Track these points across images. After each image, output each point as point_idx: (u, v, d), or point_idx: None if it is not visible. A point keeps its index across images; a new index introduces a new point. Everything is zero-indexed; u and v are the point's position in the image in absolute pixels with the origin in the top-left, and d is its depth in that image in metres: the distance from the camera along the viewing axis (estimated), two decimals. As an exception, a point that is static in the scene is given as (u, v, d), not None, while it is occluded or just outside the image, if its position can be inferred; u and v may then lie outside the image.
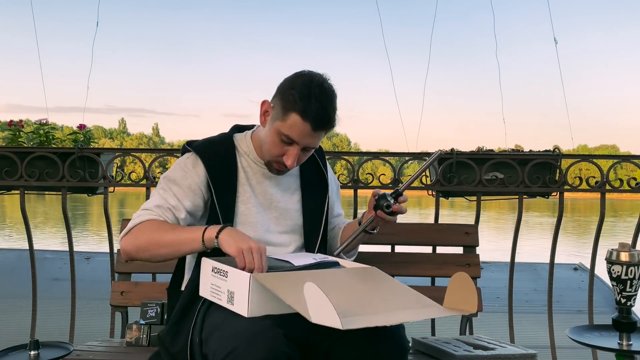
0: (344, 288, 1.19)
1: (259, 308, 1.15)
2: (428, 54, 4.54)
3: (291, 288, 1.11)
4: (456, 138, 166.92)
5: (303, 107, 1.33)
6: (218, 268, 1.24)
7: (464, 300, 1.19)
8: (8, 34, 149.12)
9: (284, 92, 1.38)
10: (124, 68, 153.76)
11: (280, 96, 1.39)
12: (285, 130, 1.36)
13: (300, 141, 1.38)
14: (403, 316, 1.12)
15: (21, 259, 3.98)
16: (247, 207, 1.46)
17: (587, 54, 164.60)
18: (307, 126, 1.35)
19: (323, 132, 1.39)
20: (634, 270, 1.47)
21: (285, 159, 1.40)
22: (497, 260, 4.32)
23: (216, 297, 1.24)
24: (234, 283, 1.18)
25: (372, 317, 1.06)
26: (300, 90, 1.35)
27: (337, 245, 1.58)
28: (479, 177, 2.31)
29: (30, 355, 1.57)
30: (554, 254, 2.47)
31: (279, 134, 1.38)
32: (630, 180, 2.38)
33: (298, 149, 1.39)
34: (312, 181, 1.58)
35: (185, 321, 1.36)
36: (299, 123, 1.35)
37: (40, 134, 2.50)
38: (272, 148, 1.41)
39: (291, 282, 1.13)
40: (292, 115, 1.35)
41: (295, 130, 1.36)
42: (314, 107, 1.33)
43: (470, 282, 1.21)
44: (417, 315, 1.14)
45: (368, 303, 1.14)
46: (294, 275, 1.20)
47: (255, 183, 1.49)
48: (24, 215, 2.43)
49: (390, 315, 1.10)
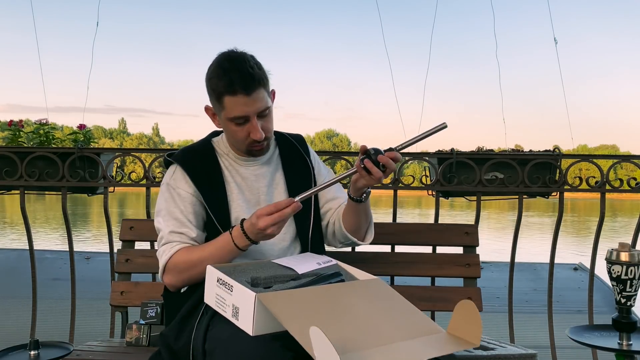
0: (351, 313, 1.17)
1: (264, 327, 1.14)
2: (428, 55, 4.54)
3: (296, 314, 1.10)
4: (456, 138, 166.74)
5: (225, 85, 1.36)
6: (223, 280, 1.23)
7: (468, 330, 1.19)
8: (8, 34, 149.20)
9: (208, 88, 1.43)
10: (124, 68, 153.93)
11: (209, 92, 1.43)
12: (231, 114, 1.39)
13: (248, 113, 1.39)
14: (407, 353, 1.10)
15: (21, 259, 3.97)
16: (238, 204, 1.49)
17: (587, 54, 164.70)
18: (240, 97, 1.37)
19: (258, 90, 1.38)
20: (634, 270, 1.47)
21: (253, 135, 1.42)
22: (497, 260, 4.32)
23: (221, 308, 1.23)
24: (239, 299, 1.17)
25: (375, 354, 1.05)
26: (215, 74, 1.39)
27: (342, 226, 1.55)
28: (479, 177, 2.31)
29: (30, 355, 1.56)
30: (554, 254, 2.47)
31: (231, 120, 1.41)
32: (630, 180, 2.39)
33: (254, 120, 1.41)
34: (295, 169, 1.59)
35: (190, 321, 1.36)
36: (234, 100, 1.37)
37: (40, 134, 2.50)
38: (236, 136, 1.44)
39: (296, 306, 1.13)
40: (224, 99, 1.38)
41: (237, 108, 1.38)
42: (232, 80, 1.35)
43: (476, 311, 1.19)
44: (421, 353, 1.12)
45: (376, 333, 1.13)
46: (299, 294, 1.19)
47: (240, 180, 1.52)
48: (24, 215, 2.43)
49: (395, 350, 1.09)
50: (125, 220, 2.08)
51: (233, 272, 1.25)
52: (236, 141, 1.47)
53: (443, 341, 1.18)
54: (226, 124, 1.44)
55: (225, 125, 1.45)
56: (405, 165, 2.50)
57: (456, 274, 2.01)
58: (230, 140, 1.50)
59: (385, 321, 1.19)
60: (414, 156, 2.41)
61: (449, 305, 1.24)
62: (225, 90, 1.37)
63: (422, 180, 2.39)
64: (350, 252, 2.07)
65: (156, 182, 2.34)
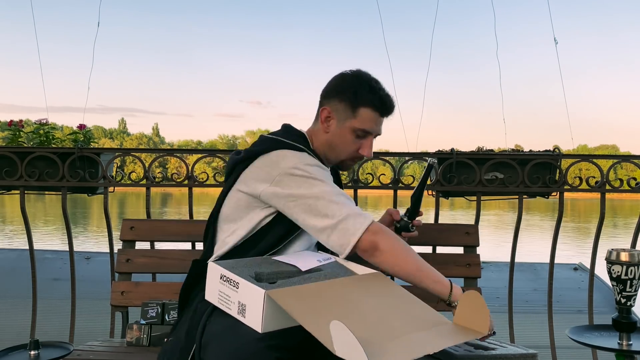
0: (360, 308, 1.17)
1: (273, 324, 1.13)
2: (428, 55, 4.54)
3: (308, 309, 1.09)
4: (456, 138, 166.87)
5: (372, 100, 1.46)
6: (227, 277, 1.20)
7: (476, 320, 1.19)
8: (8, 34, 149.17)
9: (343, 93, 1.48)
10: (124, 68, 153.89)
11: (340, 98, 1.48)
12: (359, 125, 1.47)
13: (374, 130, 1.50)
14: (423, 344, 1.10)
15: (21, 259, 3.98)
16: None
17: (587, 54, 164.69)
18: (377, 115, 1.48)
19: (387, 119, 1.53)
20: (634, 270, 1.47)
21: (362, 151, 1.52)
22: (497, 260, 4.32)
23: (225, 305, 1.20)
24: (247, 296, 1.15)
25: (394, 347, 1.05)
26: (361, 86, 1.47)
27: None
28: (479, 177, 2.32)
29: (30, 355, 1.56)
30: (554, 254, 2.47)
31: (353, 130, 1.48)
32: (630, 180, 2.38)
33: (371, 139, 1.52)
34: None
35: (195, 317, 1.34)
36: (371, 114, 1.47)
37: (40, 134, 2.50)
38: (348, 146, 1.51)
39: (306, 301, 1.12)
40: (362, 110, 1.47)
41: (368, 122, 1.48)
42: (380, 97, 1.47)
43: (482, 301, 1.20)
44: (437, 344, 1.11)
45: (388, 327, 1.13)
46: (307, 289, 1.18)
47: None
48: (24, 215, 2.43)
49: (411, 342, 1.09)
50: (126, 220, 2.08)
51: (236, 268, 1.23)
52: (342, 150, 1.51)
53: (454, 331, 1.19)
54: (344, 132, 1.49)
55: (342, 133, 1.49)
56: (405, 165, 2.50)
57: (456, 274, 2.01)
58: (335, 147, 1.51)
59: (394, 314, 1.19)
60: (414, 156, 2.41)
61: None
62: (371, 104, 1.46)
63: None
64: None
65: (156, 182, 2.35)
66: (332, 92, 1.50)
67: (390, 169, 2.38)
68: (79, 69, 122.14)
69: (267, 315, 1.11)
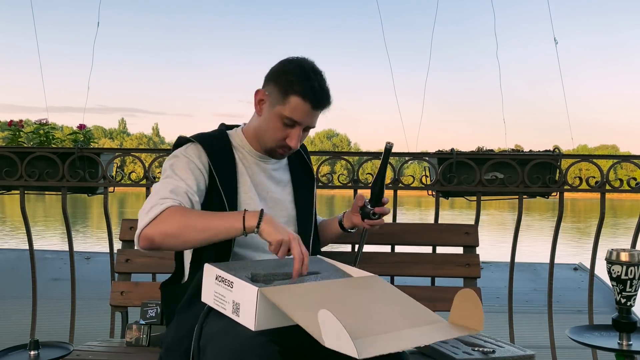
0: (354, 304, 1.18)
1: (266, 322, 1.13)
2: (428, 55, 4.54)
3: (300, 305, 1.09)
4: (456, 138, 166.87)
5: (302, 89, 1.40)
6: (222, 277, 1.21)
7: (470, 317, 1.19)
8: (8, 34, 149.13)
9: (278, 78, 1.43)
10: (124, 68, 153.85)
11: (275, 82, 1.43)
12: (287, 112, 1.42)
13: (303, 121, 1.43)
14: (413, 338, 1.11)
15: (21, 259, 3.98)
16: (249, 196, 1.48)
17: (587, 54, 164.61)
18: (307, 106, 1.41)
19: (320, 111, 1.46)
20: (634, 270, 1.47)
21: (289, 141, 1.45)
22: (497, 260, 4.32)
23: (220, 305, 1.21)
24: (240, 295, 1.15)
25: (383, 339, 1.05)
26: (297, 73, 1.41)
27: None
28: (479, 177, 2.32)
29: (30, 355, 1.56)
30: (553, 254, 2.47)
31: (281, 117, 1.43)
32: (630, 180, 2.39)
33: (300, 129, 1.45)
34: (301, 174, 1.64)
35: (187, 318, 1.35)
36: (300, 104, 1.40)
37: (40, 134, 2.50)
38: (275, 133, 1.45)
39: (299, 298, 1.12)
40: (292, 97, 1.40)
41: (297, 112, 1.41)
42: (313, 88, 1.40)
43: (476, 299, 1.20)
44: (427, 337, 1.12)
45: (381, 322, 1.13)
46: (299, 288, 1.19)
47: (252, 174, 1.52)
48: (24, 215, 2.43)
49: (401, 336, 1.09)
50: (125, 220, 2.08)
51: (232, 269, 1.24)
52: (269, 137, 1.47)
53: (447, 328, 1.19)
54: (272, 117, 1.44)
55: (271, 118, 1.44)
56: (405, 165, 2.50)
57: (456, 274, 2.01)
58: (263, 133, 1.48)
59: (389, 311, 1.20)
60: (414, 156, 2.41)
61: (449, 305, 1.24)
62: (300, 93, 1.40)
63: (422, 180, 2.39)
64: (350, 252, 2.07)
65: (156, 182, 2.34)
66: (270, 75, 1.46)
67: (390, 169, 2.38)
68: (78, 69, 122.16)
69: (260, 313, 1.11)
